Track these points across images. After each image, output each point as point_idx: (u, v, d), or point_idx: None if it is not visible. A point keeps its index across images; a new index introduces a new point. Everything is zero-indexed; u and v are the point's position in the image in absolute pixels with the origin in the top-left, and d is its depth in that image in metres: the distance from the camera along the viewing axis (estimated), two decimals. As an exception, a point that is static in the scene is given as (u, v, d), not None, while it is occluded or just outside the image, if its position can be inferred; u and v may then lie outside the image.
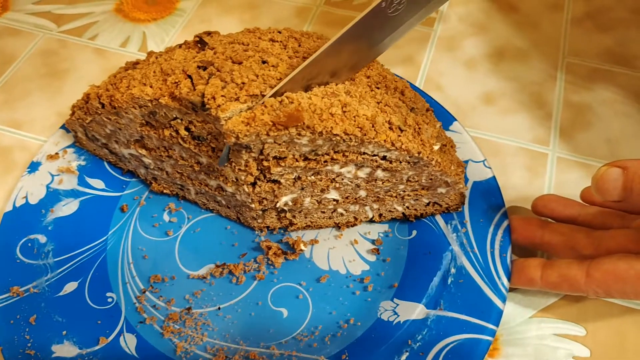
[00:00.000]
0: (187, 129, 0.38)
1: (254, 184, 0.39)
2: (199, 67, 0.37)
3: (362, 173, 0.38)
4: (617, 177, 0.32)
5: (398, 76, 0.44)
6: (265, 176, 0.38)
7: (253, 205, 0.41)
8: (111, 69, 0.56)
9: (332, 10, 0.62)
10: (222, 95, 0.35)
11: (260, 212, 0.42)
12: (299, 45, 0.40)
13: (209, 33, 0.44)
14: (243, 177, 0.38)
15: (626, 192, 0.32)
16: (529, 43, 0.58)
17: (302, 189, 0.39)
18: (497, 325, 0.37)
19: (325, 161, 0.36)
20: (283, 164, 0.36)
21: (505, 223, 0.42)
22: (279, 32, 0.42)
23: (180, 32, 0.60)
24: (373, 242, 0.44)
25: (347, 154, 0.35)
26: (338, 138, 0.33)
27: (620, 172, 0.32)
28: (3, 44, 0.59)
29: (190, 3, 0.63)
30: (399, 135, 0.35)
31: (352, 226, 0.44)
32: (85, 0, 0.63)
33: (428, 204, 0.43)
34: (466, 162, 0.45)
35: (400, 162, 0.36)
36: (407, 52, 0.57)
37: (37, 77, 0.56)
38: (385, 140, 0.34)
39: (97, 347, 0.38)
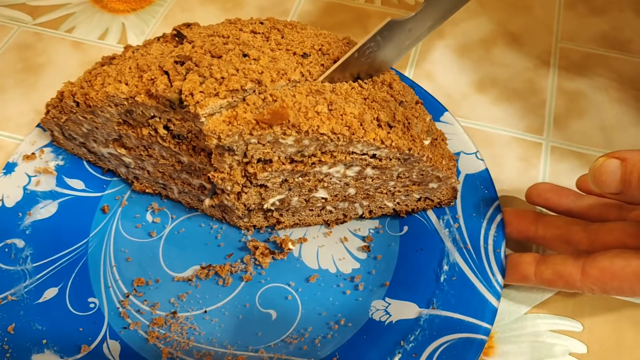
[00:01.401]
0: (166, 127, 0.36)
1: (239, 194, 0.37)
2: (176, 62, 0.35)
3: (351, 172, 0.36)
4: (615, 169, 0.31)
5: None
6: (251, 182, 0.36)
7: (238, 212, 0.39)
8: (90, 63, 0.54)
9: (318, -4, 0.60)
10: (200, 91, 0.33)
11: (246, 212, 0.40)
12: (282, 37, 0.39)
13: (188, 25, 0.42)
14: (229, 188, 0.36)
15: (624, 185, 0.30)
16: (522, 28, 0.56)
17: (290, 189, 0.38)
18: (491, 323, 0.36)
19: (312, 163, 0.34)
20: (269, 169, 0.34)
21: (498, 217, 0.40)
22: (261, 23, 0.40)
23: (161, 23, 0.58)
24: (363, 239, 0.43)
25: (335, 154, 0.34)
26: (325, 137, 0.32)
27: (619, 163, 0.30)
28: (-24, 39, 0.56)
29: (171, -9, 0.61)
30: (388, 133, 0.33)
31: (341, 223, 0.43)
32: None
33: (419, 199, 0.41)
34: (458, 154, 0.44)
35: (390, 160, 0.35)
36: (396, 40, 0.55)
37: (12, 73, 0.54)
38: (374, 139, 0.32)
39: (79, 356, 0.37)
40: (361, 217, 0.43)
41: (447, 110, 0.46)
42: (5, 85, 0.53)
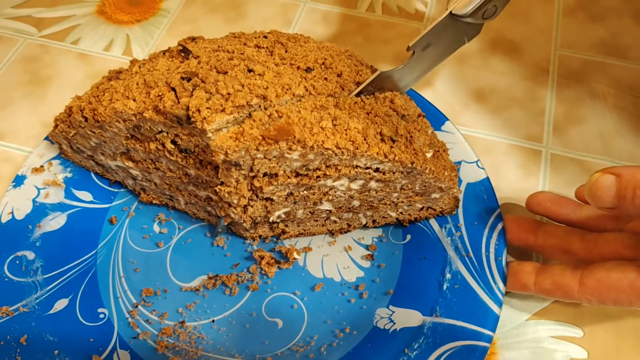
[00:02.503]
0: (173, 142, 0.37)
1: (245, 207, 0.38)
2: (182, 78, 0.36)
3: (355, 185, 0.37)
4: (611, 185, 0.31)
5: None
6: (257, 195, 0.37)
7: (245, 225, 0.40)
8: (95, 75, 0.55)
9: (319, 7, 0.60)
10: (207, 108, 0.34)
11: (253, 225, 0.41)
12: (286, 51, 0.39)
13: (193, 39, 0.43)
14: (236, 201, 0.37)
15: (619, 200, 0.31)
16: (521, 36, 0.57)
17: (295, 202, 0.39)
18: (493, 330, 0.37)
19: (317, 177, 0.35)
20: (275, 183, 0.35)
21: (500, 225, 0.41)
22: (265, 37, 0.41)
23: (165, 34, 0.58)
24: (367, 247, 0.43)
25: (339, 167, 0.35)
26: (330, 152, 0.33)
27: (614, 179, 0.31)
28: (-17, 51, 0.57)
29: (174, 3, 0.61)
30: (391, 147, 0.34)
31: (345, 232, 0.44)
32: (66, 2, 0.61)
33: (422, 208, 0.42)
34: (459, 163, 0.44)
35: (394, 173, 0.36)
36: (397, 49, 0.56)
37: (19, 85, 0.54)
38: (377, 153, 0.33)
39: (90, 366, 0.37)
40: (365, 227, 0.44)
41: (448, 119, 0.47)
42: (12, 98, 0.54)
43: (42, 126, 0.51)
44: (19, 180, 0.44)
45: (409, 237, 0.43)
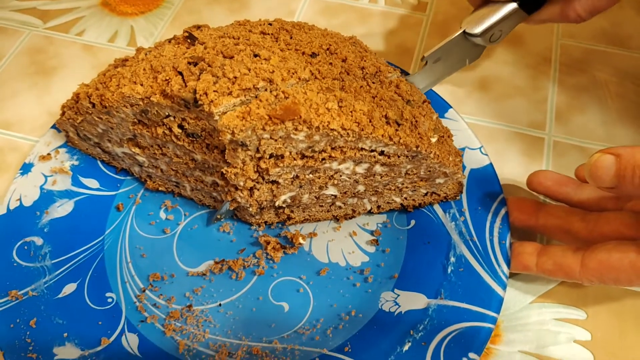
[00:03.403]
0: (180, 126, 0.38)
1: (251, 190, 0.39)
2: (189, 63, 0.36)
3: (361, 169, 0.37)
4: (610, 165, 0.32)
5: (392, 65, 0.43)
6: (263, 178, 0.38)
7: (251, 210, 0.40)
8: (100, 65, 0.55)
9: (323, -3, 0.61)
10: (214, 91, 0.34)
11: (258, 210, 0.42)
12: (291, 38, 0.40)
13: (198, 27, 0.43)
14: (242, 183, 0.37)
15: (619, 180, 0.32)
16: (523, 25, 0.57)
17: (301, 187, 0.39)
18: (498, 312, 0.37)
19: (323, 159, 0.36)
20: (281, 164, 0.36)
21: (503, 210, 0.41)
22: (270, 24, 0.41)
23: (169, 25, 0.59)
24: (372, 233, 0.44)
25: (344, 150, 0.35)
26: (335, 133, 0.33)
27: (614, 159, 0.32)
28: (-12, 43, 0.58)
29: (178, -6, 0.62)
30: (397, 130, 0.34)
31: (350, 218, 0.44)
32: None
33: (426, 194, 0.42)
34: (463, 149, 0.45)
35: (399, 157, 0.36)
36: (400, 39, 0.57)
37: (25, 76, 0.55)
38: (382, 135, 0.34)
39: (99, 348, 0.38)
40: (369, 212, 0.44)
41: (451, 107, 0.47)
42: (18, 88, 0.54)
43: (48, 116, 0.52)
44: (26, 168, 0.45)
45: (413, 222, 0.44)
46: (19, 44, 0.58)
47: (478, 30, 0.42)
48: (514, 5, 0.42)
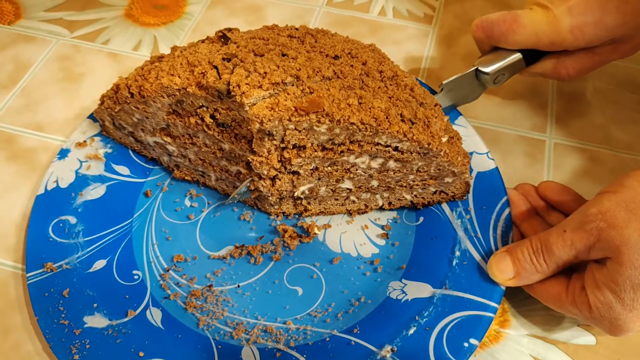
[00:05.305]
0: (212, 116, 0.41)
1: (273, 179, 0.42)
2: (223, 58, 0.40)
3: (375, 163, 0.41)
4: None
5: (424, 85, 0.47)
6: (285, 168, 0.41)
7: (272, 199, 0.43)
8: (125, 72, 0.58)
9: (334, 11, 0.65)
10: (246, 83, 0.37)
11: (278, 200, 0.45)
12: (315, 41, 0.43)
13: (229, 29, 0.47)
14: (265, 172, 0.40)
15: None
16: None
17: (319, 179, 0.42)
18: (498, 303, 0.40)
19: (341, 151, 0.39)
20: (303, 155, 0.39)
21: (507, 211, 0.44)
22: (296, 29, 0.45)
23: (190, 36, 0.62)
24: (382, 227, 0.47)
25: (362, 144, 0.38)
26: (354, 127, 0.36)
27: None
28: (19, 51, 0.60)
29: (198, 7, 0.65)
30: (411, 127, 0.37)
31: (362, 213, 0.47)
32: (95, 6, 0.65)
33: (435, 192, 0.45)
34: (471, 153, 0.48)
35: (411, 153, 0.39)
36: (407, 49, 0.60)
37: (54, 82, 0.58)
38: (397, 131, 0.37)
39: (125, 319, 0.41)
40: (381, 209, 0.47)
41: (461, 114, 0.50)
42: (49, 93, 0.57)
43: (77, 119, 0.54)
44: (63, 153, 0.48)
45: (421, 219, 0.46)
46: (47, 51, 0.60)
47: (490, 69, 0.48)
48: (519, 55, 0.48)
